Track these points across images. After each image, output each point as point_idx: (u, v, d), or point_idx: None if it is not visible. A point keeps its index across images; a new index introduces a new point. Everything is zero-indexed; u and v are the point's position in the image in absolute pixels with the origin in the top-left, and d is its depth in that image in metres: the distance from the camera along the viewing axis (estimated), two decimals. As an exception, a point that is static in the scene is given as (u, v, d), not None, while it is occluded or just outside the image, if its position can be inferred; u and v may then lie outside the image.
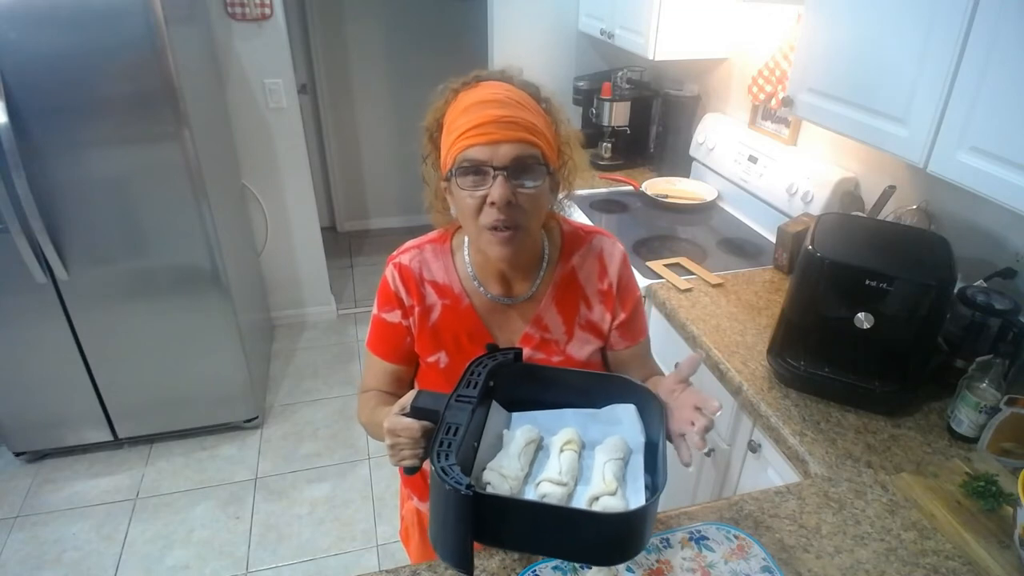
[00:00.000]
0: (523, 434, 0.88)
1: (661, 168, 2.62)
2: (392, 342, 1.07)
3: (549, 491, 0.81)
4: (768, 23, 2.04)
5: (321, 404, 2.83)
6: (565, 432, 0.89)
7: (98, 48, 1.86)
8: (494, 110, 0.86)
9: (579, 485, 0.84)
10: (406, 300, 1.03)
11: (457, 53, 3.81)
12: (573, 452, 0.86)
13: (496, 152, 0.86)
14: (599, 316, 1.07)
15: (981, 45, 1.04)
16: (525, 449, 0.86)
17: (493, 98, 0.88)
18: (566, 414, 0.94)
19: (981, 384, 1.17)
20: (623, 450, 0.86)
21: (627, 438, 0.88)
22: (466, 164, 0.87)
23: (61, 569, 2.08)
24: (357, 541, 2.18)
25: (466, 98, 0.90)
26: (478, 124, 0.86)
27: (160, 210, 2.12)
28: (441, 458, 0.75)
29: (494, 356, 0.92)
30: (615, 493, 0.79)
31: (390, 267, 1.05)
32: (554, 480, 0.82)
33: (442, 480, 0.71)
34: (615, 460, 0.83)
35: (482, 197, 0.88)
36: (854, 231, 1.36)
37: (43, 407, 2.35)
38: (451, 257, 1.04)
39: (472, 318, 1.03)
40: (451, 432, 0.79)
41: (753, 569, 0.90)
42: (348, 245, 4.27)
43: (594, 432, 0.91)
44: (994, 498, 1.03)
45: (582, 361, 1.06)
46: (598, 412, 0.92)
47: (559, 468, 0.84)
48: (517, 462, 0.84)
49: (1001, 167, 1.03)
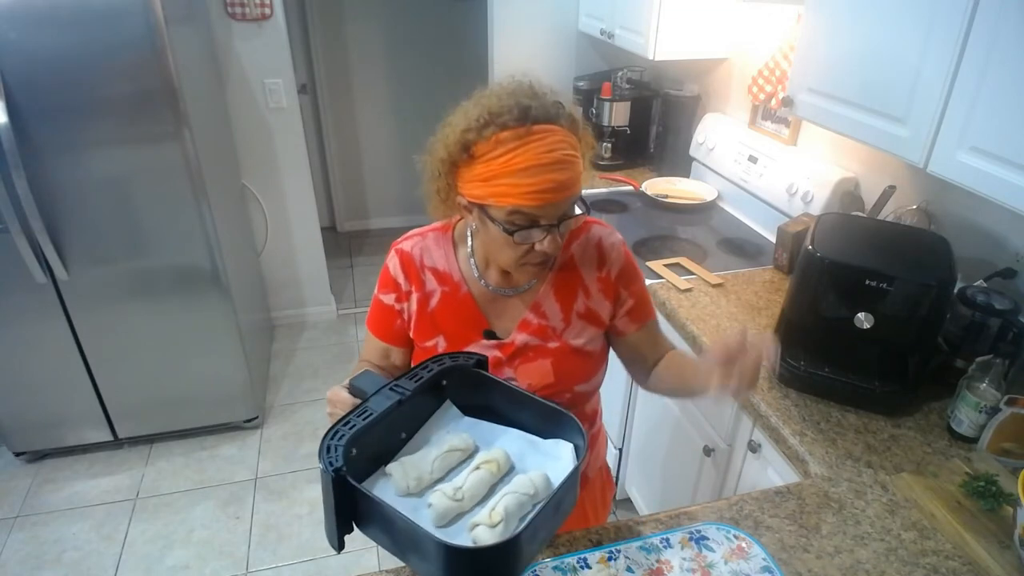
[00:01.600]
0: (453, 440, 0.88)
1: (661, 168, 2.62)
2: (384, 323, 1.10)
3: (436, 502, 0.80)
4: (768, 23, 2.04)
5: (321, 404, 2.80)
6: (494, 451, 0.88)
7: (98, 48, 1.86)
8: (556, 175, 0.85)
9: (477, 507, 0.83)
10: (404, 285, 1.06)
11: (457, 53, 3.81)
12: (488, 472, 0.85)
13: (554, 212, 0.89)
14: (598, 304, 1.07)
15: (981, 45, 1.04)
16: (447, 455, 0.86)
17: (552, 160, 0.85)
18: (512, 433, 0.93)
19: (981, 384, 1.17)
20: (537, 488, 0.82)
21: (552, 477, 0.85)
22: (519, 218, 0.88)
23: (61, 569, 2.08)
24: (357, 541, 2.15)
25: (521, 154, 0.85)
26: (540, 190, 0.85)
27: (160, 210, 2.12)
28: (333, 436, 0.78)
29: (455, 357, 0.94)
30: (495, 526, 0.77)
31: (392, 252, 1.07)
32: (447, 493, 0.81)
33: (320, 456, 0.76)
34: (519, 494, 0.81)
35: (529, 246, 0.91)
36: (854, 231, 1.36)
37: (43, 407, 2.35)
38: (452, 246, 1.07)
39: (470, 306, 1.05)
40: (363, 415, 0.81)
41: (753, 569, 0.90)
42: (348, 245, 4.27)
43: (529, 461, 0.90)
44: (994, 498, 1.03)
45: (577, 348, 1.07)
46: (542, 442, 0.92)
47: (461, 484, 0.82)
48: (430, 464, 0.84)
49: (1001, 167, 1.03)
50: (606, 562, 0.90)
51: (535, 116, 0.87)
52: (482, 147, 0.87)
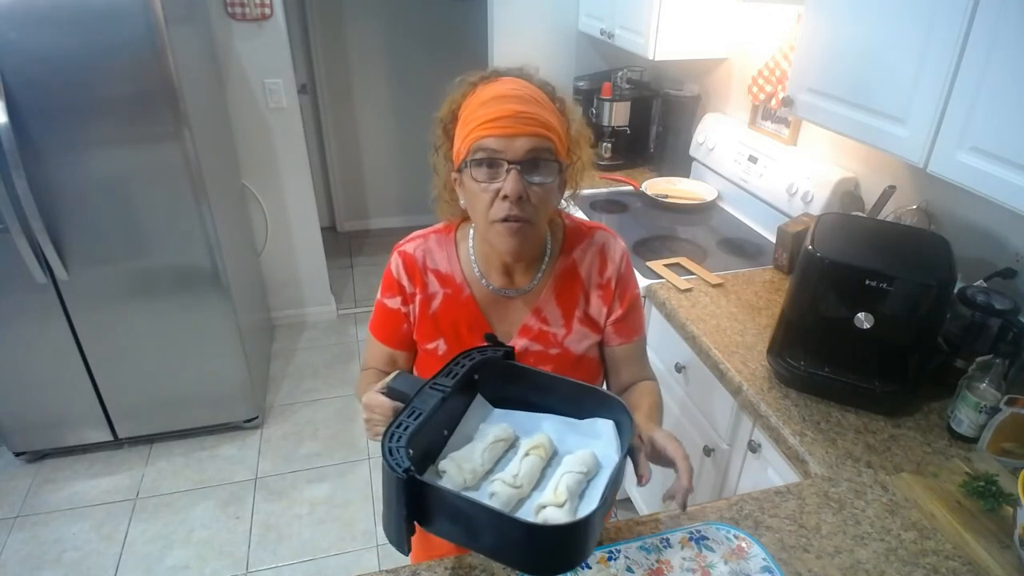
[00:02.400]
0: (495, 431, 0.89)
1: (661, 168, 2.62)
2: (390, 327, 1.09)
3: (499, 491, 0.82)
4: (768, 23, 2.04)
5: (321, 404, 2.83)
6: (537, 437, 0.90)
7: (98, 48, 1.86)
8: (512, 104, 0.88)
9: (535, 491, 0.84)
10: (407, 287, 1.06)
11: (457, 53, 3.81)
12: (538, 457, 0.87)
13: (511, 145, 0.88)
14: (596, 310, 1.08)
15: (981, 45, 1.04)
16: (493, 446, 0.87)
17: (512, 93, 0.89)
18: (546, 419, 0.94)
19: (981, 384, 1.17)
20: (589, 465, 0.85)
21: (599, 454, 0.88)
22: (481, 154, 0.89)
23: (61, 569, 2.08)
24: (357, 541, 2.18)
25: (485, 91, 0.91)
26: (496, 117, 0.87)
27: (160, 210, 2.12)
28: (392, 439, 0.77)
29: (483, 351, 0.94)
30: (563, 506, 0.79)
31: (395, 254, 1.07)
32: (507, 481, 0.83)
33: (384, 460, 0.74)
34: (575, 473, 0.83)
35: (495, 191, 0.90)
36: (854, 231, 1.36)
37: (43, 407, 2.35)
38: (455, 248, 1.07)
39: (472, 308, 1.05)
40: (413, 416, 0.81)
41: (753, 569, 0.90)
42: (348, 245, 4.27)
43: (570, 442, 0.91)
44: (994, 498, 1.03)
45: (579, 355, 1.07)
46: (579, 423, 0.92)
47: (517, 471, 0.84)
48: (480, 457, 0.85)
49: (1001, 167, 1.03)
50: (606, 562, 0.90)
51: (504, 72, 0.95)
52: (463, 105, 0.93)
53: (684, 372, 1.66)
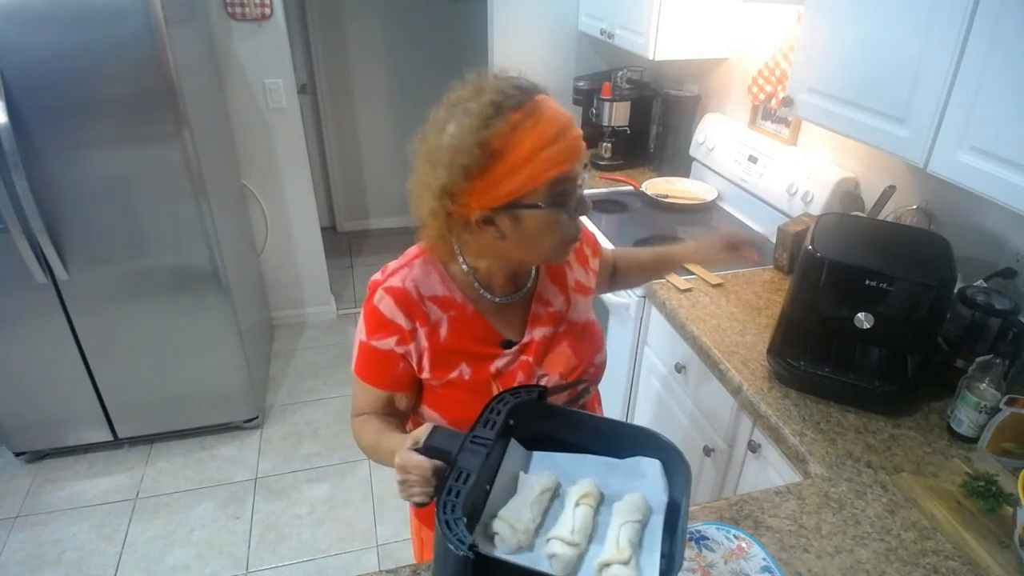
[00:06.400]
0: (539, 480, 0.84)
1: (661, 168, 2.62)
2: (384, 369, 1.03)
3: (559, 552, 0.76)
4: (768, 23, 2.04)
5: (321, 404, 2.83)
6: (583, 483, 0.84)
7: (98, 48, 1.86)
8: (574, 129, 0.88)
9: (592, 544, 0.79)
10: (406, 324, 0.99)
11: (457, 53, 3.82)
12: (588, 507, 0.81)
13: (580, 165, 0.89)
14: (582, 275, 1.13)
15: (981, 45, 1.04)
16: (539, 498, 0.81)
17: (566, 117, 0.88)
18: (587, 460, 0.88)
19: (981, 384, 1.17)
20: (643, 511, 0.80)
21: (648, 496, 0.82)
22: (568, 186, 0.88)
23: (61, 569, 2.08)
24: (357, 541, 2.18)
25: (540, 123, 0.85)
26: (573, 148, 0.87)
27: (160, 210, 2.12)
28: (447, 509, 0.71)
29: (516, 392, 0.88)
30: (627, 562, 0.73)
31: (380, 293, 1.00)
32: (565, 539, 0.77)
33: (444, 535, 0.68)
34: (632, 523, 0.78)
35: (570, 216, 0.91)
36: (854, 231, 1.37)
37: (43, 407, 2.35)
38: (444, 268, 1.02)
39: (480, 322, 1.02)
40: (461, 479, 0.74)
41: (753, 569, 0.90)
42: (348, 245, 4.27)
43: (614, 484, 0.85)
44: (994, 498, 1.03)
45: (583, 323, 1.09)
46: (620, 463, 0.87)
47: (572, 525, 0.78)
48: (529, 512, 0.79)
49: (1001, 167, 1.03)
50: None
51: (526, 87, 0.88)
52: (499, 140, 0.83)
53: (684, 372, 1.66)
